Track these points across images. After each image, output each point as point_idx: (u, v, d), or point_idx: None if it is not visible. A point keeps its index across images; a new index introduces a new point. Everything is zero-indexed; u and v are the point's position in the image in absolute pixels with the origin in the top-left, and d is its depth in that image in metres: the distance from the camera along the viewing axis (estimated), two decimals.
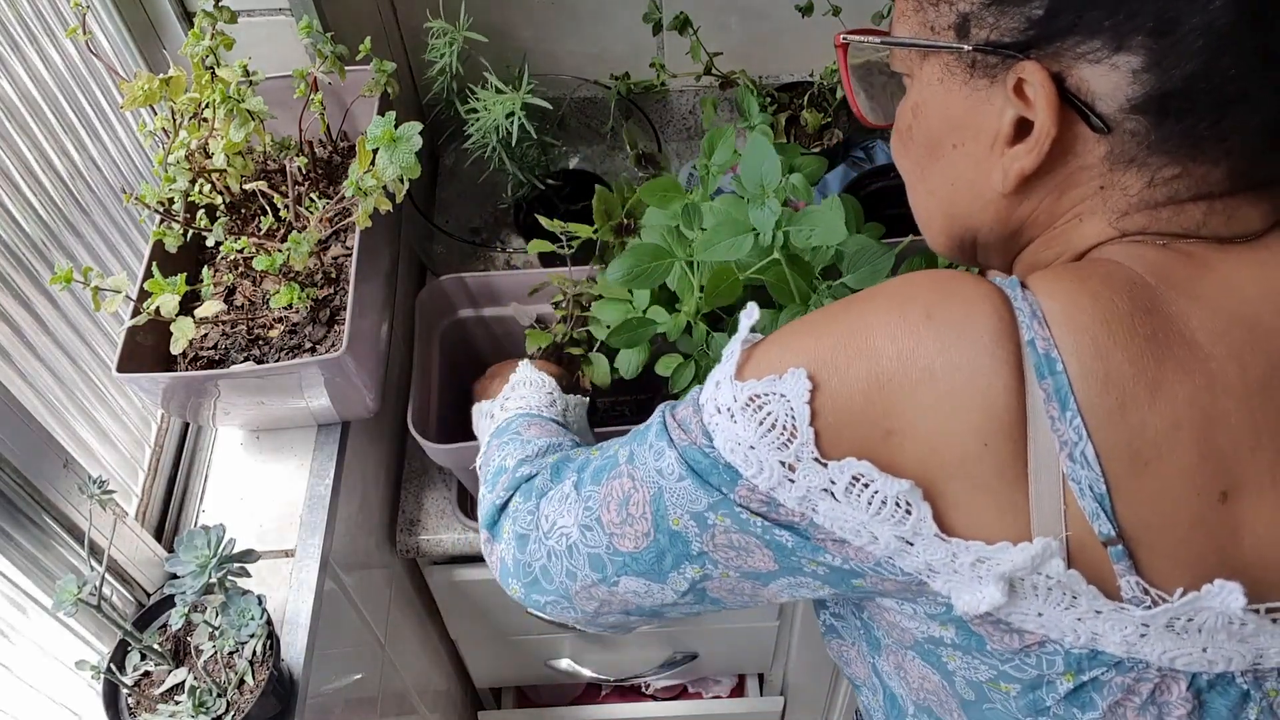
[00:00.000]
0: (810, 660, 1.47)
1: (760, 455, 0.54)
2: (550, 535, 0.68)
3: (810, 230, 0.77)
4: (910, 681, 0.63)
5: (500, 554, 0.73)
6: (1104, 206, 0.56)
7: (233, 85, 0.89)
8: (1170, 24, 0.50)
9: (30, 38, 0.89)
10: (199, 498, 1.01)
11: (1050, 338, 0.50)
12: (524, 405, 0.88)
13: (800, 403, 0.52)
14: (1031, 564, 0.50)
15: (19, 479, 0.74)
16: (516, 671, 1.55)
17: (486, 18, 1.13)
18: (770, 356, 0.55)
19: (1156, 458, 0.50)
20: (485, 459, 0.83)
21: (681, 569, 0.61)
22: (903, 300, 0.53)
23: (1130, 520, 0.50)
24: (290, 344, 0.93)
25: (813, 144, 1.37)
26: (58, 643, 0.82)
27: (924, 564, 0.53)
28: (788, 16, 1.26)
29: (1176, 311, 0.52)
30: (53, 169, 0.91)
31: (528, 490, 0.73)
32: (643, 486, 0.61)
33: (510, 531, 0.72)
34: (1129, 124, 0.53)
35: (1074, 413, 0.50)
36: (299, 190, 0.99)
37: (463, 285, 1.12)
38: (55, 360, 0.88)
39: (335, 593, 1.00)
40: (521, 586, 0.71)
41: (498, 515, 0.75)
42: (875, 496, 0.52)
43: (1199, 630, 0.51)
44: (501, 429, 0.85)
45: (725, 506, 0.57)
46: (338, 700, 1.00)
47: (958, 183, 0.61)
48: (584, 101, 1.34)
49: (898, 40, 0.61)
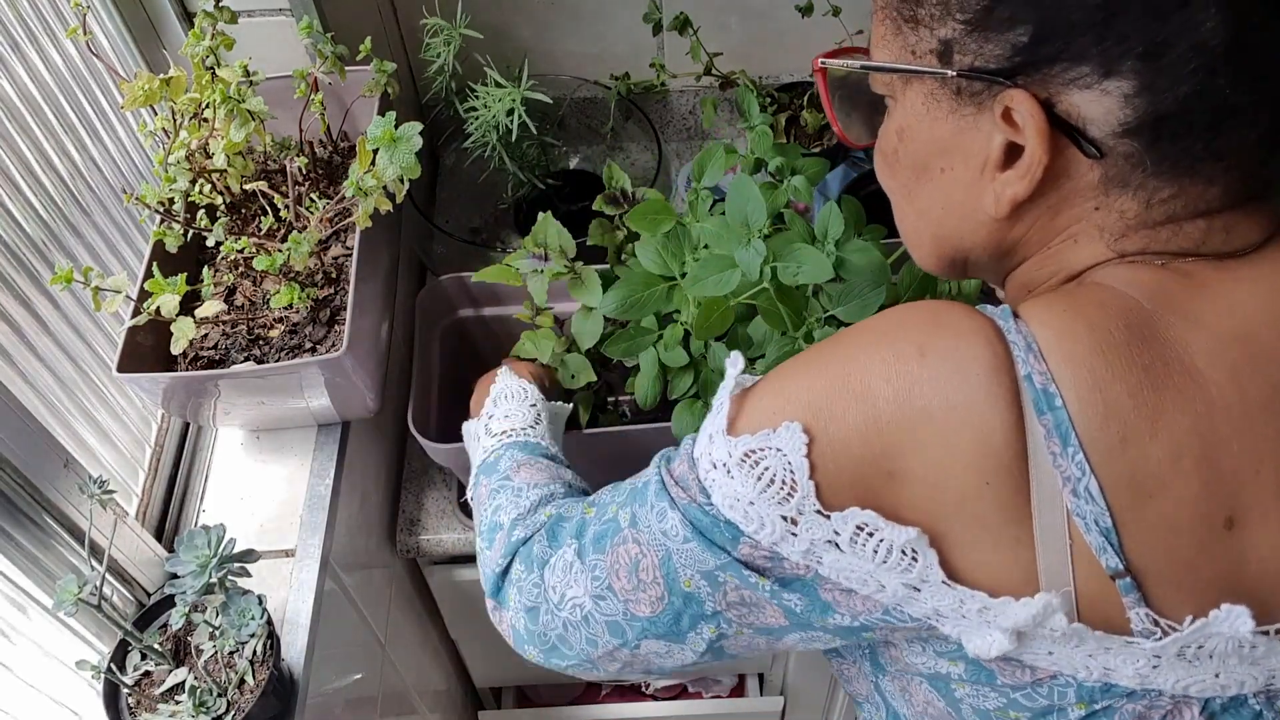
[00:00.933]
0: (810, 660, 1.47)
1: (760, 511, 0.54)
2: (562, 607, 0.67)
3: (797, 268, 0.77)
4: (915, 704, 0.63)
5: (510, 622, 0.72)
6: (1100, 228, 0.55)
7: (233, 85, 0.89)
8: (1161, 47, 0.49)
9: (30, 38, 0.89)
10: (199, 497, 1.01)
11: (1047, 371, 0.50)
12: (509, 426, 0.86)
13: (798, 456, 0.52)
14: (1033, 621, 0.50)
15: (19, 479, 0.75)
16: (516, 671, 1.55)
17: (486, 17, 1.13)
18: (762, 408, 0.54)
19: (1160, 489, 0.49)
20: (477, 498, 0.82)
21: (699, 629, 0.61)
22: (894, 337, 0.52)
23: (1137, 552, 0.50)
24: (290, 344, 0.93)
25: (813, 144, 1.37)
26: (58, 643, 0.82)
27: (932, 610, 0.53)
28: (788, 16, 1.26)
29: (1174, 337, 0.51)
30: (53, 169, 0.91)
31: (528, 559, 0.71)
32: (650, 550, 0.60)
33: (517, 602, 0.71)
34: (1122, 147, 0.52)
35: (1075, 448, 0.49)
36: (299, 190, 0.99)
37: (463, 285, 1.12)
38: (56, 360, 0.88)
39: (335, 593, 1.00)
40: (540, 653, 0.70)
41: (500, 582, 0.74)
42: (881, 545, 0.51)
43: (1210, 656, 0.51)
44: (490, 465, 0.83)
45: (732, 568, 0.56)
46: (338, 700, 1.00)
47: (948, 206, 0.60)
48: (584, 101, 1.34)
49: (879, 66, 0.59)
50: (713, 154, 0.89)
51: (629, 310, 0.84)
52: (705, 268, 0.78)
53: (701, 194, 0.89)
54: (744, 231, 0.77)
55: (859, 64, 0.61)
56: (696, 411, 0.86)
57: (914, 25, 0.56)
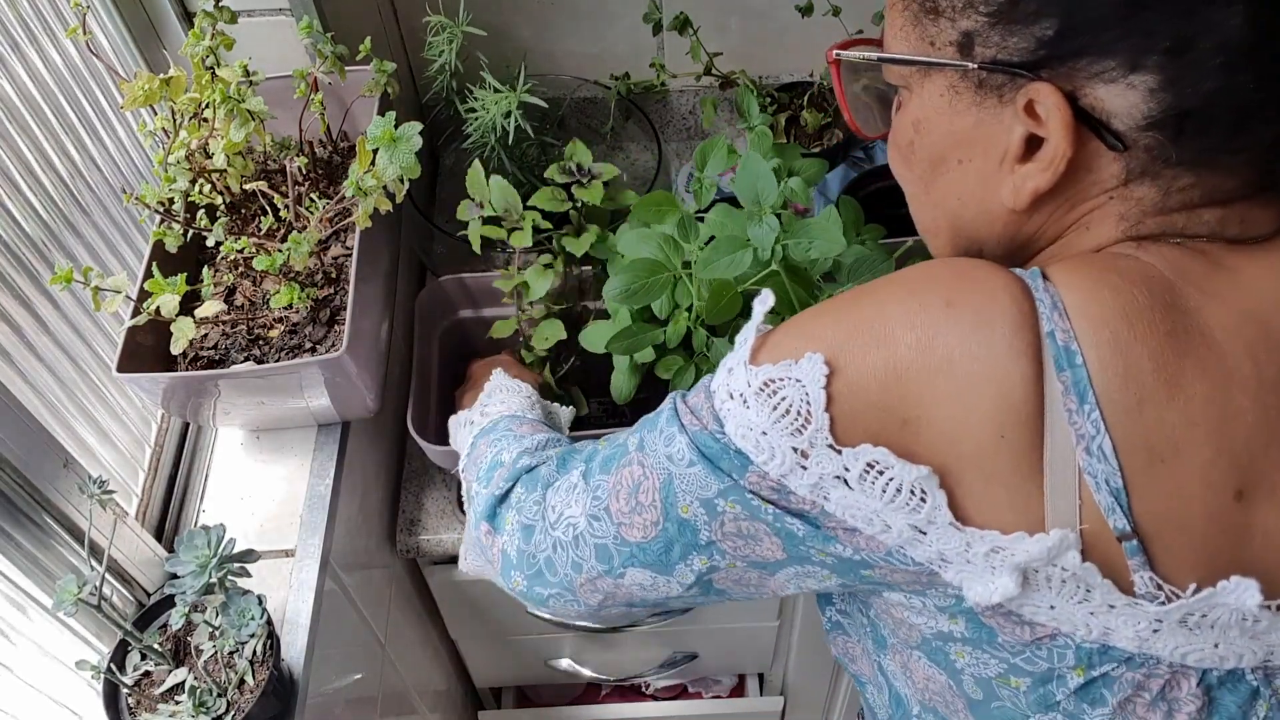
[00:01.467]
0: (810, 660, 1.47)
1: (773, 441, 0.54)
2: (557, 526, 0.67)
3: (809, 243, 0.77)
4: (916, 681, 0.63)
5: (503, 546, 0.72)
6: (1114, 214, 0.56)
7: (233, 85, 0.89)
8: (1186, 43, 0.49)
9: (30, 38, 0.89)
10: (199, 497, 1.01)
11: (1070, 330, 0.50)
12: (506, 409, 0.87)
13: (816, 388, 0.52)
14: (1048, 555, 0.50)
15: (19, 479, 0.75)
16: (516, 671, 1.55)
17: (486, 17, 1.13)
18: (786, 342, 0.55)
19: (1173, 454, 0.50)
20: (472, 459, 0.82)
21: (689, 560, 0.61)
22: (922, 288, 0.53)
23: (1146, 516, 0.50)
24: (290, 344, 0.93)
25: (813, 144, 1.37)
26: (58, 643, 0.82)
27: (936, 553, 0.53)
28: (788, 16, 1.26)
29: (1194, 307, 0.52)
30: (53, 169, 0.91)
31: (531, 481, 0.72)
32: (652, 473, 0.60)
33: (514, 522, 0.71)
34: (1145, 140, 0.52)
35: (1092, 406, 0.49)
36: (299, 190, 0.99)
37: (463, 285, 1.12)
38: (55, 360, 0.88)
39: (335, 593, 1.00)
40: (524, 579, 0.70)
41: (496, 507, 0.73)
42: (890, 484, 0.52)
43: (1212, 626, 0.51)
44: (487, 430, 0.83)
45: (735, 493, 0.56)
46: (338, 700, 1.00)
47: (964, 197, 0.60)
48: (584, 101, 1.34)
49: (898, 58, 0.59)
50: (715, 144, 0.90)
51: (633, 296, 0.84)
52: (717, 250, 0.78)
53: (705, 183, 0.89)
54: (756, 209, 0.77)
55: (876, 55, 0.61)
56: None
57: (934, 16, 0.56)
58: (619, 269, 0.85)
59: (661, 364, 0.88)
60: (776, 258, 0.78)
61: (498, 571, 0.74)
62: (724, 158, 0.90)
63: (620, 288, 0.84)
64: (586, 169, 0.95)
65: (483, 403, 0.90)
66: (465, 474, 0.83)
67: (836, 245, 0.76)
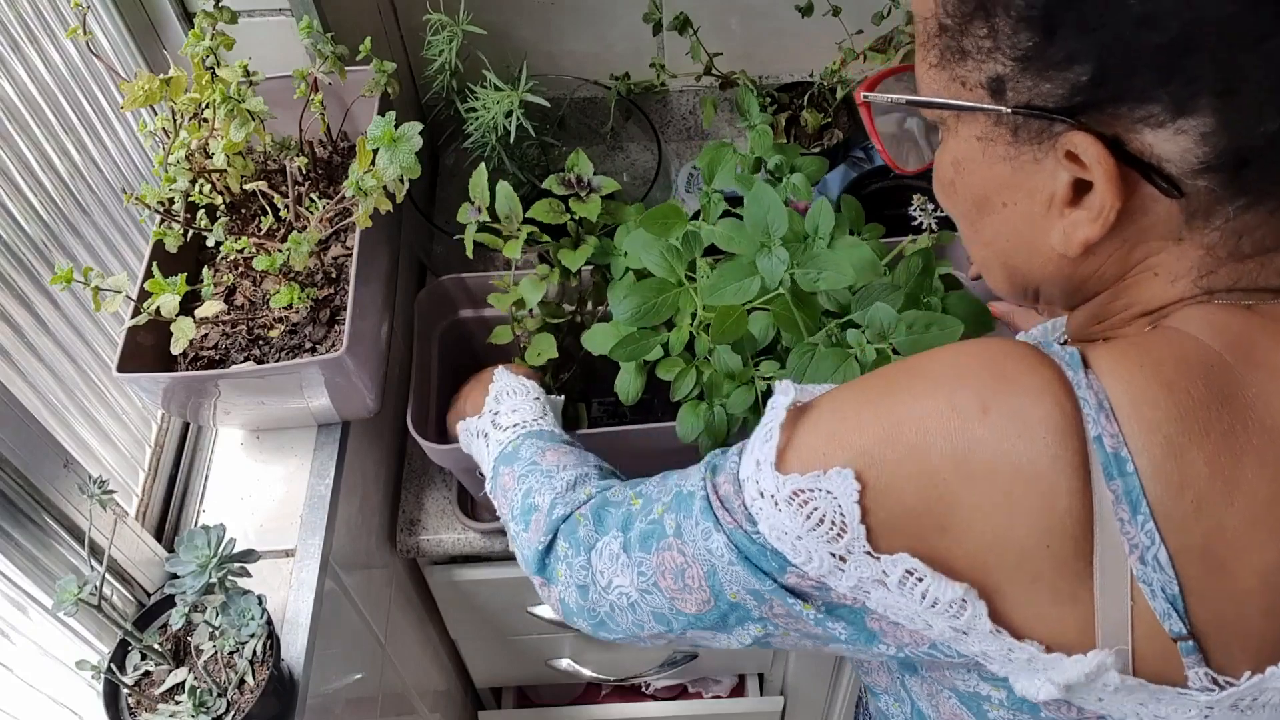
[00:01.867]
0: (810, 660, 1.47)
1: (809, 546, 0.53)
2: (610, 591, 0.67)
3: (818, 273, 0.76)
4: (941, 713, 0.62)
5: (560, 596, 0.73)
6: (1183, 262, 0.52)
7: (233, 85, 0.89)
8: (1237, 84, 0.45)
9: (30, 38, 0.89)
10: (199, 497, 1.01)
11: (1119, 434, 0.47)
12: (519, 419, 0.86)
13: (849, 502, 0.50)
14: (1085, 679, 0.48)
15: (19, 479, 0.75)
16: (516, 671, 1.55)
17: (486, 17, 1.13)
18: (813, 448, 0.53)
19: (1233, 557, 0.47)
20: (500, 489, 0.82)
21: (745, 627, 0.61)
22: (954, 387, 0.49)
23: (1203, 618, 0.48)
24: (290, 344, 0.93)
25: (813, 144, 1.37)
26: (58, 643, 0.82)
27: (980, 651, 0.52)
28: (788, 16, 1.26)
29: (1256, 395, 0.48)
30: (53, 169, 0.91)
31: (573, 539, 0.71)
32: (695, 563, 0.60)
33: (566, 577, 0.71)
34: (1202, 184, 0.48)
35: (1146, 517, 0.47)
36: (299, 190, 0.99)
37: (463, 285, 1.12)
38: (56, 360, 0.88)
39: (335, 593, 1.00)
40: (589, 626, 0.71)
41: (544, 558, 0.74)
42: (929, 592, 0.50)
43: (1263, 707, 0.49)
44: (509, 455, 0.82)
45: (777, 593, 0.56)
46: (338, 700, 1.00)
47: (1013, 239, 0.56)
48: (584, 102, 1.34)
49: (926, 101, 0.55)
50: (722, 156, 0.89)
51: (643, 317, 0.84)
52: (724, 276, 0.78)
53: (714, 198, 0.89)
54: (765, 239, 0.76)
55: (905, 99, 0.58)
56: (700, 413, 0.86)
57: (960, 57, 0.52)
58: (626, 291, 0.85)
59: (663, 366, 0.88)
60: (784, 285, 0.77)
61: (559, 615, 0.75)
62: (732, 168, 0.89)
63: (631, 310, 0.84)
64: (586, 181, 0.94)
65: (491, 408, 0.89)
66: (495, 501, 0.83)
67: (845, 277, 0.76)
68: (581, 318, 1.03)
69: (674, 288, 0.85)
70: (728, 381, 0.86)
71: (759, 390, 0.84)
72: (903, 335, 0.76)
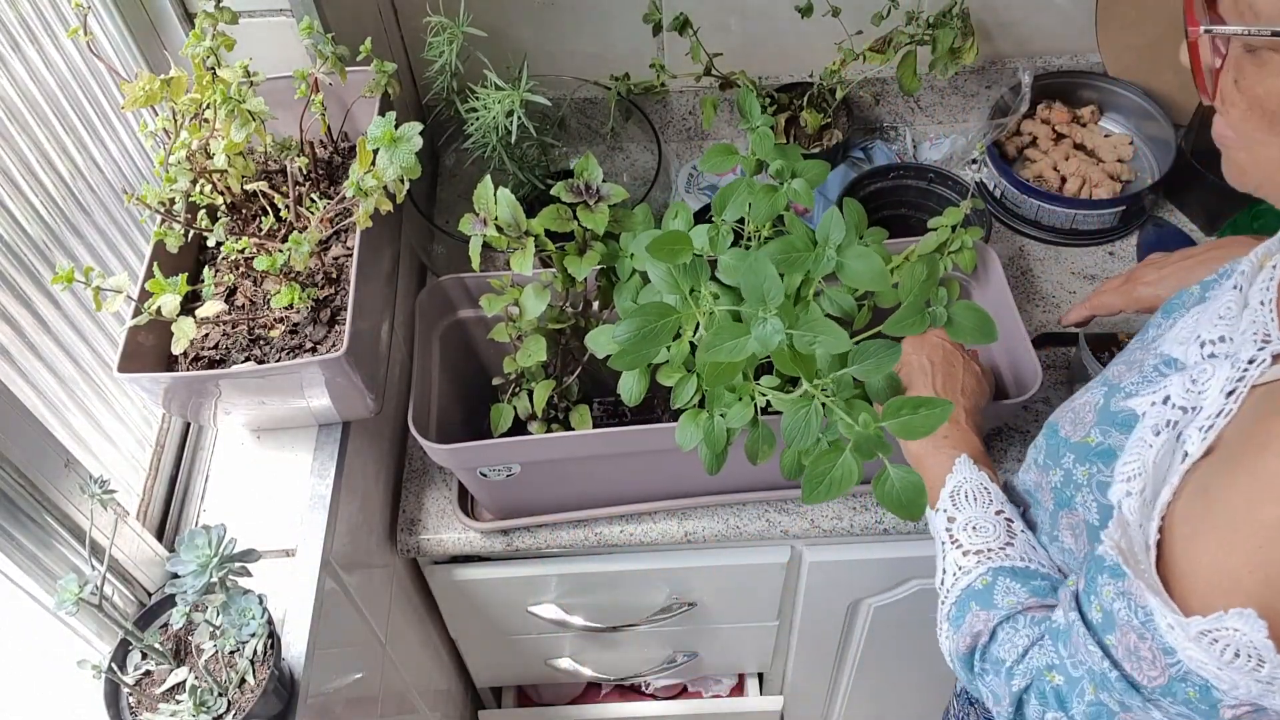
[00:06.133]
0: (810, 660, 1.47)
1: (1231, 676, 0.55)
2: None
3: (814, 339, 0.76)
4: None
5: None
6: None
7: (234, 86, 0.89)
8: None
9: (31, 38, 0.89)
10: (200, 497, 1.01)
11: None
12: (982, 546, 0.81)
13: (1260, 637, 0.53)
14: None
15: (20, 478, 0.75)
16: (516, 671, 1.55)
17: (486, 17, 1.13)
18: (1201, 583, 0.56)
19: None
20: (969, 615, 0.79)
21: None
22: None
23: None
24: (291, 344, 0.93)
25: (812, 144, 1.37)
26: (59, 642, 0.82)
27: None
28: (788, 17, 1.27)
29: None
30: (54, 169, 0.91)
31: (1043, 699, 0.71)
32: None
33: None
34: None
35: None
36: (300, 190, 1.00)
37: (463, 285, 1.13)
38: (57, 360, 0.88)
39: (336, 592, 1.00)
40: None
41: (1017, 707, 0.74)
42: None
43: None
44: (981, 595, 0.79)
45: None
46: (338, 699, 1.00)
47: None
48: (584, 102, 1.34)
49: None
50: (735, 189, 0.89)
51: (643, 342, 0.84)
52: (719, 335, 0.78)
53: (724, 229, 0.89)
54: (761, 308, 0.76)
55: (1269, 29, 0.55)
56: (701, 421, 0.86)
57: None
58: (630, 306, 0.85)
59: (663, 371, 0.88)
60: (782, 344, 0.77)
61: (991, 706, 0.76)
62: (744, 201, 0.89)
63: (631, 333, 0.84)
64: (595, 188, 0.94)
65: (947, 511, 0.85)
66: (947, 612, 0.81)
67: (842, 344, 0.76)
68: (586, 319, 1.03)
69: (674, 312, 0.85)
70: (728, 393, 0.86)
71: (757, 405, 0.84)
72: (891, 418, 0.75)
